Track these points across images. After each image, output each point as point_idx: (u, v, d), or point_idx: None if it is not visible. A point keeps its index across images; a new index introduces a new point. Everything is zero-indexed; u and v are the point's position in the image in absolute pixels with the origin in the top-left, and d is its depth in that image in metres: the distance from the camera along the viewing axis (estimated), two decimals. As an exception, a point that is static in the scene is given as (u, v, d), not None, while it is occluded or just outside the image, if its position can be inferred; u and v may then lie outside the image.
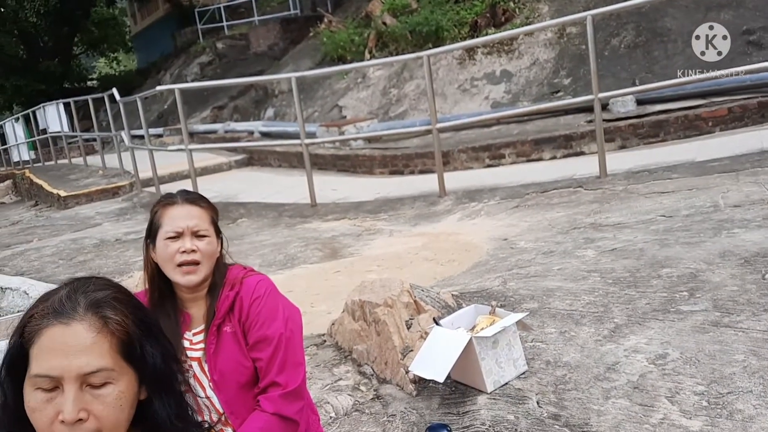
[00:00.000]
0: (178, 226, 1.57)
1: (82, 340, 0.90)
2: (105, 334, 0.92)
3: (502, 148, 7.05)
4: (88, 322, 0.92)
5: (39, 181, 10.80)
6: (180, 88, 7.15)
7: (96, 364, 0.90)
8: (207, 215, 1.63)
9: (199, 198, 1.66)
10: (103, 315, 0.93)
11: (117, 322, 0.94)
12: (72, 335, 0.90)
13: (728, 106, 6.29)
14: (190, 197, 1.65)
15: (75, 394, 0.89)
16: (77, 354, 0.90)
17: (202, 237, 1.59)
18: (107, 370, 0.91)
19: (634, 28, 8.05)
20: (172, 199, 1.63)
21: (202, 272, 1.59)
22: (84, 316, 0.92)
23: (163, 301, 1.63)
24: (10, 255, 6.44)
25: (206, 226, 1.61)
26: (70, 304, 0.93)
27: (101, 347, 0.91)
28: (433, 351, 2.28)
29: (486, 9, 9.67)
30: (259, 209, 6.76)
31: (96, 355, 0.91)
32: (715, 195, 4.14)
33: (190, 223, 1.58)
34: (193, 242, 1.57)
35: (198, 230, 1.59)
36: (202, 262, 1.58)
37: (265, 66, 15.54)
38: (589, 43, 5.21)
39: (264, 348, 1.57)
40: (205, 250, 1.58)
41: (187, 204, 1.62)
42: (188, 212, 1.60)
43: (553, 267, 3.41)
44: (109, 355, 0.92)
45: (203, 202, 1.66)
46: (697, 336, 2.29)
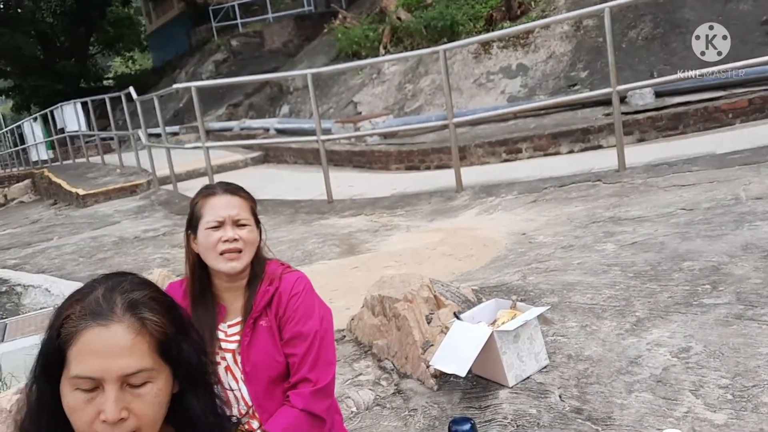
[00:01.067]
0: (220, 216, 1.60)
1: (122, 342, 0.91)
2: (144, 335, 0.93)
3: (519, 142, 7.02)
4: (127, 323, 0.93)
5: (57, 180, 10.93)
6: (196, 86, 7.19)
7: (137, 365, 0.92)
8: (247, 205, 1.66)
9: (238, 188, 1.68)
10: (141, 316, 0.94)
11: (155, 323, 0.95)
12: (111, 337, 0.91)
13: (748, 97, 6.20)
14: (230, 188, 1.67)
15: (116, 394, 0.90)
16: (118, 355, 0.91)
17: (243, 226, 1.61)
18: (147, 370, 0.93)
19: (651, 20, 7.96)
20: (212, 190, 1.66)
21: (245, 259, 1.61)
22: (122, 317, 0.93)
23: (203, 292, 1.65)
24: (31, 253, 6.53)
25: (247, 215, 1.63)
26: (107, 305, 0.93)
27: (141, 348, 0.92)
28: (454, 345, 2.28)
29: (501, 2, 9.61)
30: (275, 206, 6.79)
31: (136, 356, 0.92)
32: (736, 187, 4.09)
33: (231, 212, 1.61)
34: (235, 231, 1.60)
35: (239, 219, 1.61)
36: (244, 249, 1.60)
37: (280, 63, 15.58)
38: (607, 36, 5.16)
39: (299, 344, 1.59)
40: (247, 237, 1.61)
41: (228, 194, 1.64)
42: (228, 202, 1.62)
43: (573, 261, 3.39)
44: (148, 355, 0.93)
45: (243, 192, 1.68)
46: (721, 329, 2.27)
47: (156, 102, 8.22)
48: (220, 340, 1.64)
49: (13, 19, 22.48)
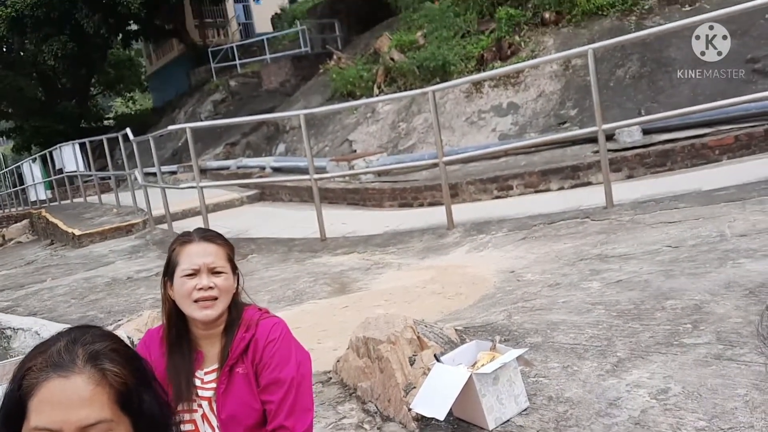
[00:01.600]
0: (195, 264, 1.61)
1: (82, 393, 0.92)
2: (104, 386, 0.93)
3: (509, 179, 7.09)
4: (87, 375, 0.93)
5: (55, 220, 10.98)
6: (191, 128, 7.30)
7: (95, 416, 0.91)
8: (223, 252, 1.66)
9: (215, 235, 1.69)
10: (102, 367, 0.94)
11: (115, 374, 0.95)
12: (71, 388, 0.92)
13: (735, 134, 6.30)
14: (206, 235, 1.68)
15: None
16: (77, 407, 0.91)
17: (218, 273, 1.62)
18: (106, 421, 0.92)
19: (638, 59, 8.13)
20: (188, 237, 1.67)
21: (219, 307, 1.61)
22: (83, 368, 0.93)
23: (179, 339, 1.65)
24: (23, 295, 6.53)
25: (222, 263, 1.63)
26: (68, 357, 0.94)
27: (100, 399, 0.92)
28: (434, 388, 2.28)
29: (492, 43, 9.82)
30: (269, 244, 6.82)
31: (96, 407, 0.92)
32: (721, 224, 4.13)
33: (207, 260, 1.61)
34: (210, 279, 1.60)
35: (214, 267, 1.61)
36: (219, 297, 1.61)
37: (277, 102, 15.81)
38: (591, 76, 5.27)
39: (275, 391, 1.58)
40: (222, 285, 1.61)
41: (204, 242, 1.65)
42: (204, 249, 1.63)
43: (559, 300, 3.40)
44: (108, 406, 0.93)
45: (219, 239, 1.69)
46: (700, 370, 2.27)
47: (152, 143, 8.32)
48: (197, 387, 1.63)
49: (15, 61, 22.88)
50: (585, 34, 8.88)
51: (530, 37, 9.53)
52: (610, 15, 8.94)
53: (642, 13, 8.59)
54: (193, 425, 1.61)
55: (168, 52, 26.50)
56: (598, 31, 8.75)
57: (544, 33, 9.50)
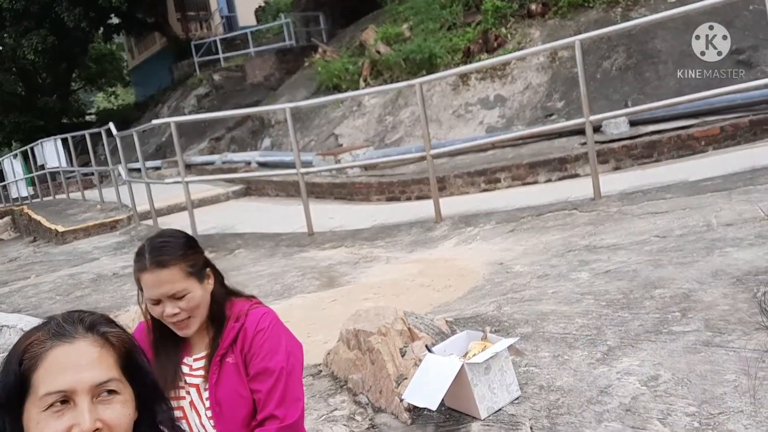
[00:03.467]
0: (154, 295, 1.56)
1: (90, 354, 0.96)
2: (108, 348, 0.99)
3: (497, 172, 7.10)
4: (91, 339, 0.98)
5: (37, 216, 10.83)
6: (175, 122, 7.22)
7: (106, 375, 0.96)
8: (180, 272, 1.56)
9: (167, 257, 1.56)
10: (103, 331, 1.00)
11: (116, 336, 1.01)
12: (78, 351, 0.96)
13: (720, 125, 6.35)
14: (158, 259, 1.56)
15: (89, 405, 0.94)
16: (87, 367, 0.95)
17: (181, 297, 1.56)
18: (116, 380, 0.97)
19: (624, 51, 8.16)
20: (142, 264, 1.57)
21: (195, 324, 1.60)
22: (85, 334, 0.98)
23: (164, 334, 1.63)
24: (7, 292, 6.44)
25: (181, 285, 1.56)
26: (70, 326, 0.99)
27: (107, 360, 0.98)
28: (425, 379, 2.27)
29: (478, 35, 9.81)
30: (256, 239, 6.77)
31: (104, 366, 0.97)
32: (708, 214, 4.16)
33: (163, 290, 1.55)
34: (174, 305, 1.55)
35: (173, 293, 1.55)
36: (191, 316, 1.58)
37: (262, 96, 15.70)
38: (579, 68, 5.28)
39: (264, 380, 1.57)
40: (188, 307, 1.57)
41: (156, 269, 1.55)
42: (157, 279, 1.55)
43: (548, 290, 3.41)
44: (115, 367, 0.98)
45: (173, 259, 1.56)
46: (689, 357, 2.29)
47: (135, 137, 8.23)
48: (185, 374, 1.63)
49: (-6, 57, 22.52)
50: (571, 26, 8.89)
51: (517, 29, 9.54)
52: (596, 7, 8.96)
53: (628, 5, 8.62)
54: (181, 412, 1.61)
55: (150, 45, 26.22)
56: (585, 23, 8.77)
57: (530, 25, 9.50)
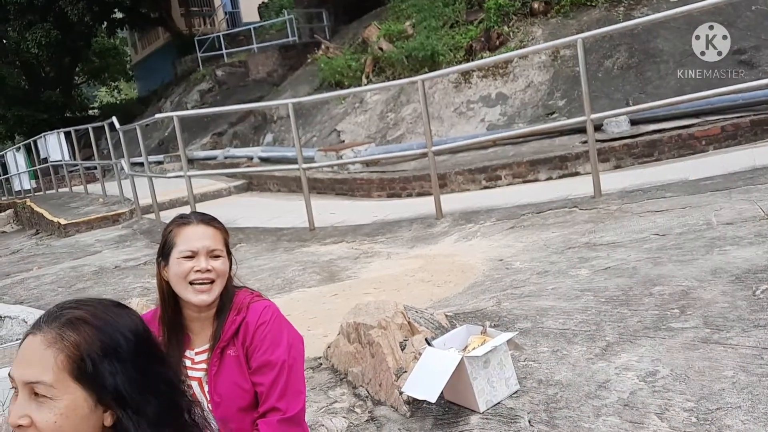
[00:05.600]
0: (194, 246, 1.61)
1: (33, 352, 0.95)
2: (54, 350, 0.95)
3: (498, 169, 7.11)
4: (44, 336, 0.96)
5: (40, 209, 10.86)
6: (178, 116, 7.24)
7: (35, 377, 0.94)
8: (221, 236, 1.67)
9: (213, 219, 1.69)
10: (61, 332, 0.96)
11: (70, 340, 0.95)
12: (30, 346, 0.96)
13: (721, 124, 6.35)
14: (205, 218, 1.68)
15: (23, 400, 0.94)
16: (26, 363, 0.95)
17: (216, 257, 1.62)
18: (46, 384, 0.93)
19: (626, 50, 8.16)
20: (187, 219, 1.66)
21: (215, 291, 1.62)
22: (46, 330, 0.96)
23: (174, 320, 1.65)
24: (10, 283, 6.47)
25: (221, 246, 1.64)
26: (45, 318, 0.99)
27: (47, 361, 0.94)
28: (425, 372, 2.29)
29: (481, 33, 9.81)
30: (257, 234, 6.80)
31: (39, 368, 0.94)
32: (707, 213, 4.17)
33: (206, 243, 1.61)
34: (209, 261, 1.60)
35: (213, 250, 1.62)
36: (215, 281, 1.61)
37: (264, 92, 15.71)
38: (581, 66, 5.29)
39: (266, 373, 1.59)
40: (220, 269, 1.62)
41: (203, 225, 1.65)
42: (204, 232, 1.63)
43: (548, 287, 3.43)
44: (52, 370, 0.94)
45: (217, 223, 1.69)
46: (687, 353, 2.30)
47: (138, 131, 8.24)
48: (187, 367, 1.64)
49: (-2, 50, 22.54)
50: (573, 24, 8.89)
51: (519, 28, 9.54)
52: (599, 6, 8.96)
53: (630, 4, 8.62)
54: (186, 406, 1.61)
55: (154, 41, 26.22)
56: (587, 22, 8.77)
57: (532, 23, 9.50)
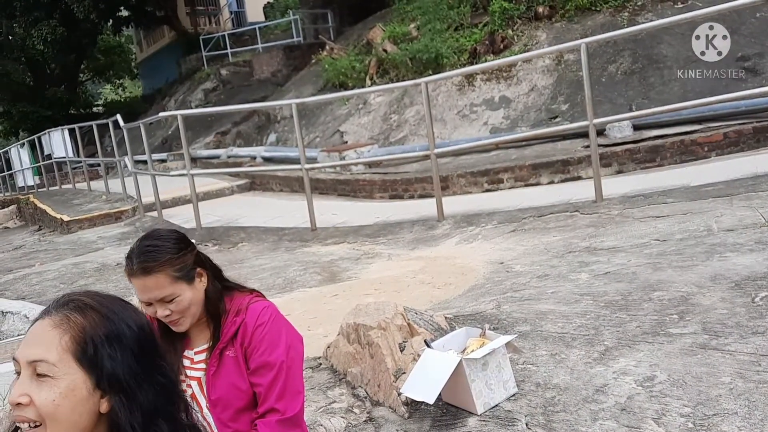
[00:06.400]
0: (143, 298, 1.57)
1: (40, 332, 0.99)
2: (60, 331, 0.98)
3: (500, 172, 7.12)
4: (52, 318, 0.99)
5: (43, 205, 10.89)
6: (182, 115, 7.26)
7: (39, 355, 0.96)
8: (166, 278, 1.55)
9: (153, 263, 1.55)
10: (67, 314, 1.00)
11: (76, 322, 0.99)
12: (38, 327, 0.99)
13: (724, 131, 6.36)
14: (144, 265, 1.55)
15: (24, 379, 0.97)
16: (32, 344, 0.98)
17: (170, 300, 1.56)
18: (48, 363, 0.96)
19: (630, 55, 8.17)
20: (129, 268, 1.57)
21: (187, 322, 1.61)
22: (54, 313, 1.00)
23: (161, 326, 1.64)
24: (12, 279, 6.49)
25: (169, 290, 1.55)
26: (54, 304, 1.02)
27: (52, 341, 0.97)
28: (424, 373, 2.31)
29: (485, 37, 9.82)
30: (259, 233, 6.81)
31: (44, 347, 0.97)
32: (708, 219, 4.18)
33: (151, 295, 1.55)
34: (164, 307, 1.56)
35: (162, 298, 1.56)
36: (183, 315, 1.59)
37: (268, 92, 15.73)
38: (584, 71, 5.30)
39: (265, 374, 1.59)
40: (177, 309, 1.57)
41: (142, 276, 1.55)
42: (144, 285, 1.55)
43: (547, 290, 3.44)
44: (56, 349, 0.97)
45: (158, 265, 1.55)
46: (685, 358, 2.31)
47: (142, 129, 8.27)
48: (186, 367, 1.65)
49: (4, 46, 22.59)
50: (578, 29, 8.90)
51: (523, 31, 9.55)
52: (603, 11, 8.97)
53: (635, 10, 8.63)
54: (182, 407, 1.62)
55: (159, 39, 26.27)
56: (591, 27, 8.78)
57: (537, 27, 9.51)
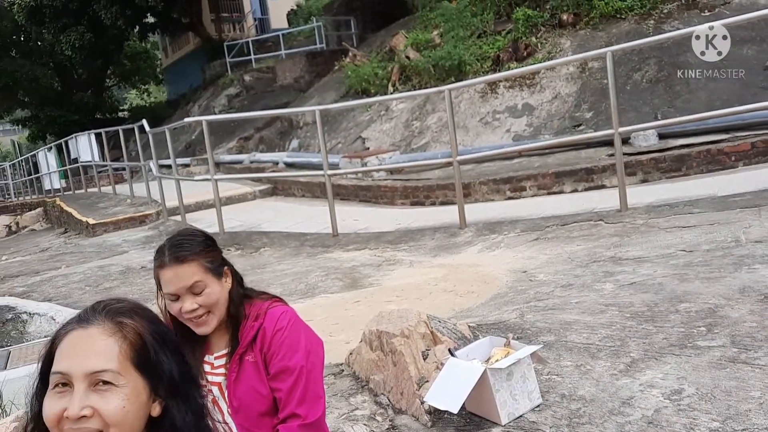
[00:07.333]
0: (173, 289, 1.57)
1: (94, 342, 0.98)
2: (117, 339, 0.99)
3: (523, 180, 7.09)
4: (104, 326, 0.99)
5: (69, 209, 11.07)
6: (207, 120, 7.34)
7: (102, 365, 0.96)
8: (198, 267, 1.58)
9: (187, 252, 1.59)
10: (118, 321, 1.01)
11: (132, 328, 1.01)
12: (86, 337, 0.98)
13: (751, 140, 6.26)
14: (177, 254, 1.58)
15: (82, 391, 0.95)
16: (88, 354, 0.97)
17: (200, 292, 1.57)
18: (113, 372, 0.96)
19: (656, 63, 8.09)
20: (161, 260, 1.59)
21: (213, 322, 1.61)
22: (101, 322, 1.00)
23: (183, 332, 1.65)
24: (38, 281, 6.60)
25: (200, 278, 1.57)
26: (92, 312, 1.02)
27: (111, 350, 0.98)
28: (448, 382, 2.30)
29: (508, 44, 9.80)
30: (281, 238, 6.85)
31: (104, 357, 0.97)
32: (736, 230, 4.12)
33: (184, 284, 1.56)
34: (193, 300, 1.56)
35: (193, 287, 1.57)
36: (209, 311, 1.59)
37: (291, 98, 15.85)
38: (609, 79, 5.26)
39: (285, 379, 1.59)
40: (206, 302, 1.58)
41: (175, 264, 1.57)
42: (176, 274, 1.56)
43: (572, 300, 3.41)
44: (118, 359, 0.98)
45: (191, 254, 1.59)
46: (714, 372, 2.28)
47: (168, 135, 8.38)
48: (207, 372, 1.65)
49: (33, 51, 23.10)
50: (602, 36, 8.84)
51: (547, 39, 9.51)
52: (628, 18, 8.90)
53: (660, 17, 8.55)
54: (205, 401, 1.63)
55: (184, 45, 26.62)
56: (616, 34, 8.71)
57: (561, 35, 9.47)
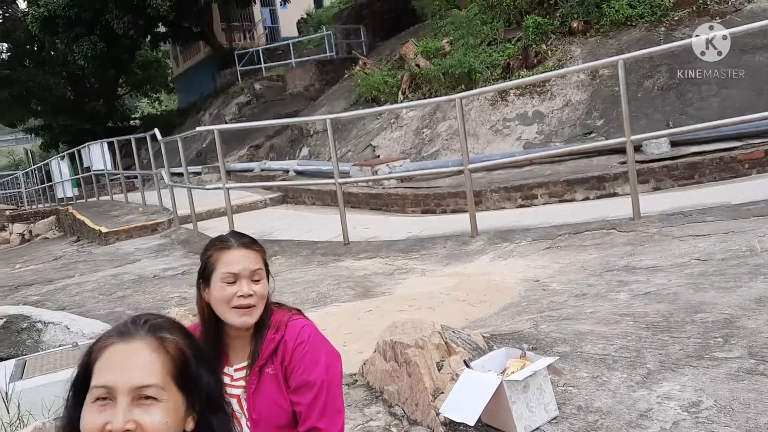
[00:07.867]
0: (236, 270, 1.61)
1: (138, 357, 0.99)
2: (160, 354, 1.00)
3: (534, 188, 7.07)
4: (147, 342, 1.00)
5: (81, 217, 11.15)
6: (218, 129, 7.39)
7: (147, 380, 0.98)
8: (260, 258, 1.66)
9: (253, 241, 1.69)
10: (162, 336, 1.02)
11: (174, 343, 1.02)
12: (130, 352, 0.99)
13: (765, 148, 6.22)
14: (244, 241, 1.67)
15: (126, 405, 0.96)
16: (132, 368, 0.98)
17: (257, 280, 1.63)
18: (157, 386, 0.98)
19: (667, 70, 8.07)
20: (227, 243, 1.66)
21: (256, 314, 1.63)
22: (144, 336, 1.01)
23: (215, 338, 1.67)
24: (52, 290, 6.64)
25: (261, 268, 1.65)
26: (133, 327, 1.03)
27: (155, 366, 0.99)
28: (463, 393, 2.29)
29: (518, 51, 9.81)
30: (292, 247, 6.87)
31: (148, 371, 0.98)
32: (751, 239, 4.09)
33: (247, 266, 1.62)
34: (250, 286, 1.61)
35: (254, 273, 1.62)
36: (257, 304, 1.62)
37: (301, 106, 15.92)
38: (621, 87, 5.25)
39: (305, 393, 1.60)
40: (261, 292, 1.63)
41: (243, 248, 1.64)
42: (244, 256, 1.63)
43: (586, 310, 3.40)
44: (161, 373, 0.99)
45: (256, 245, 1.68)
46: (732, 384, 2.26)
47: (179, 143, 8.44)
48: (226, 384, 1.65)
49: (46, 61, 23.36)
50: (613, 44, 8.83)
51: (557, 46, 9.51)
52: (639, 26, 8.89)
53: (671, 24, 8.53)
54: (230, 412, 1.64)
55: (194, 54, 26.85)
56: (627, 42, 8.70)
57: (571, 42, 9.46)
